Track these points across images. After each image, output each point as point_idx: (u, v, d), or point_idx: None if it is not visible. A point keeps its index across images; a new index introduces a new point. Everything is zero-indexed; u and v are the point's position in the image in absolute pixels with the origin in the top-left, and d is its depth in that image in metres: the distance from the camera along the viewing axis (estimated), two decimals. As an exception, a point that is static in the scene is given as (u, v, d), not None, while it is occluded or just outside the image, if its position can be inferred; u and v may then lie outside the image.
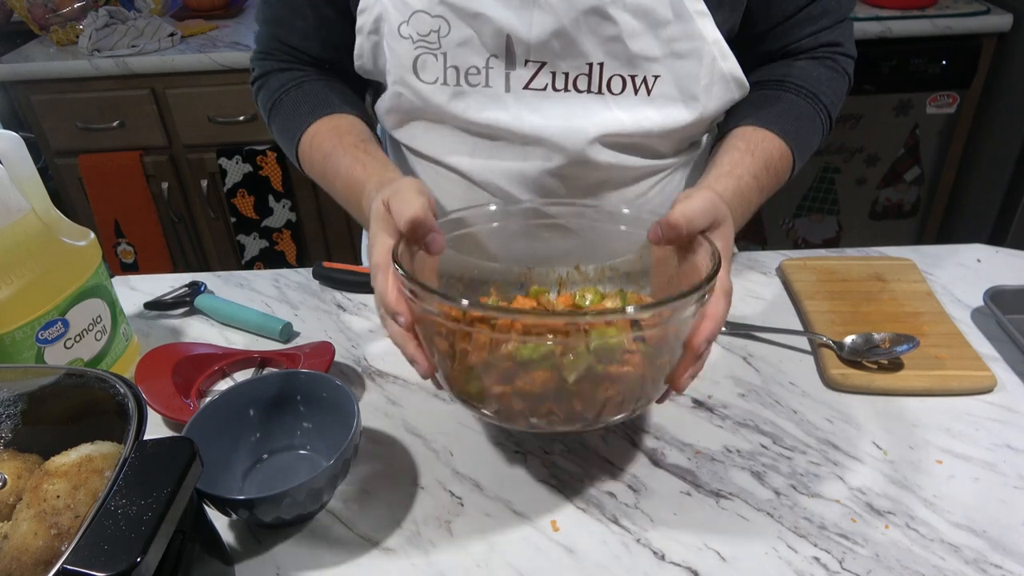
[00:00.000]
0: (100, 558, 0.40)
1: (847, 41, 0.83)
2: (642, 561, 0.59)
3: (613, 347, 0.54)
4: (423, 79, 0.76)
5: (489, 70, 0.75)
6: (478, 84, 0.75)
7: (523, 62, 0.74)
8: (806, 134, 0.79)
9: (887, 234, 2.24)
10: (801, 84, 0.80)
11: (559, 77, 0.75)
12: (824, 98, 0.81)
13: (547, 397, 0.56)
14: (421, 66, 0.76)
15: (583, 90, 0.75)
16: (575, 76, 0.74)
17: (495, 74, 0.75)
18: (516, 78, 0.75)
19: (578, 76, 0.74)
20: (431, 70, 0.76)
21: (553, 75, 0.75)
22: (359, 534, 0.63)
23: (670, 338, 0.56)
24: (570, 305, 0.68)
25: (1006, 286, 0.84)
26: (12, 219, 0.68)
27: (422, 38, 0.74)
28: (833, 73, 0.82)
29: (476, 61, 0.74)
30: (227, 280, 0.99)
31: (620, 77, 0.74)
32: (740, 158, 0.73)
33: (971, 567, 0.58)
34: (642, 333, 0.54)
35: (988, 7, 1.94)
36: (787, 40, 0.81)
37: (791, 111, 0.79)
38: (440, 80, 0.76)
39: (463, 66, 0.75)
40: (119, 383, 0.53)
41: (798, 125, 0.78)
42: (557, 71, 0.74)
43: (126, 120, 1.98)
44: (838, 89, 0.83)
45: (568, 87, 0.75)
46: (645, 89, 0.75)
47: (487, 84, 0.75)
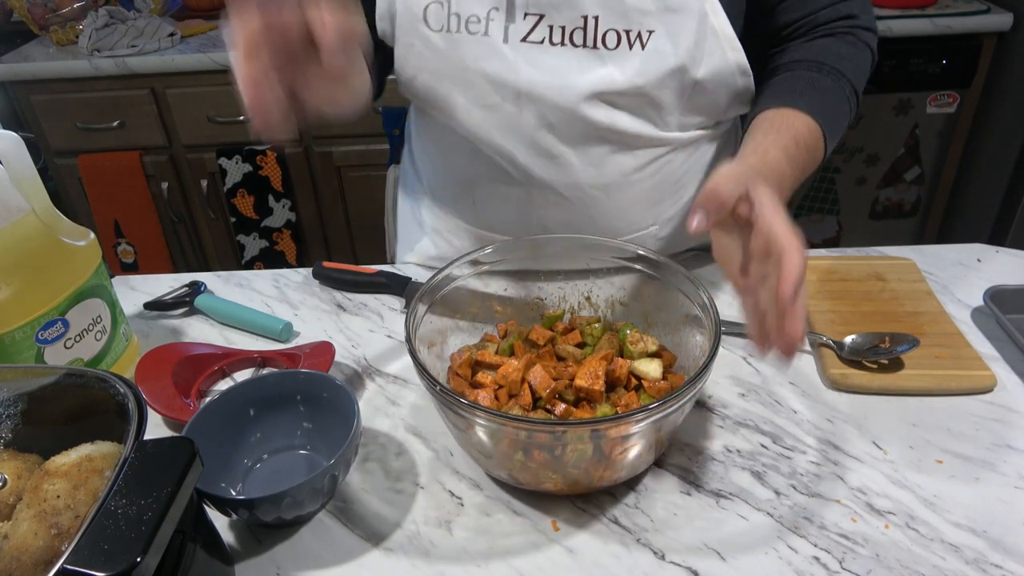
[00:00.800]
0: (100, 558, 0.40)
1: (864, 14, 0.83)
2: (642, 561, 0.59)
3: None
4: (431, 27, 0.79)
5: (490, 21, 0.77)
6: (477, 32, 0.78)
7: (522, 15, 0.77)
8: (832, 108, 0.77)
9: (887, 234, 2.24)
10: (822, 61, 0.79)
11: (556, 31, 0.77)
12: (848, 72, 0.80)
13: (549, 470, 0.60)
14: (430, 15, 0.79)
15: (579, 44, 0.77)
16: (571, 30, 0.76)
17: (495, 25, 0.77)
18: (514, 31, 0.77)
19: (574, 30, 0.76)
20: (437, 18, 0.79)
21: (550, 28, 0.77)
22: (359, 534, 0.63)
23: (666, 424, 0.60)
24: (578, 341, 0.73)
25: (1006, 286, 0.84)
26: (12, 219, 0.68)
27: None
28: (854, 49, 0.81)
29: (478, 11, 0.77)
30: (227, 280, 0.99)
31: (615, 32, 0.76)
32: (763, 137, 0.71)
33: (971, 567, 0.58)
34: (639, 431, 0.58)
35: (988, 7, 1.94)
36: (803, 11, 0.81)
37: (814, 87, 0.78)
38: (444, 27, 0.79)
39: (464, 14, 0.78)
40: (119, 383, 0.53)
41: (823, 99, 0.77)
42: (554, 24, 0.76)
43: (126, 120, 1.98)
44: (862, 63, 0.82)
45: (564, 41, 0.77)
46: (640, 43, 0.76)
47: (486, 33, 0.78)
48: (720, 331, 0.62)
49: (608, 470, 0.61)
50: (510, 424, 0.56)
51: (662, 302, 0.74)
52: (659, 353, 0.70)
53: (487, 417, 0.57)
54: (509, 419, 0.56)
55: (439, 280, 0.72)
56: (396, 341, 0.86)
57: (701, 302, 0.67)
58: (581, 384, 0.64)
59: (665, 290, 0.73)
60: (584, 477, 0.61)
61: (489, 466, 0.66)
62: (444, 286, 0.73)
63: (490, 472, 0.67)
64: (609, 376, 0.66)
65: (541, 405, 0.65)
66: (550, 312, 0.76)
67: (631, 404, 0.64)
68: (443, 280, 0.72)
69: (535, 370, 0.65)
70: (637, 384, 0.68)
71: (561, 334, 0.73)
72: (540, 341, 0.72)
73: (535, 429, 0.57)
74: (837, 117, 0.78)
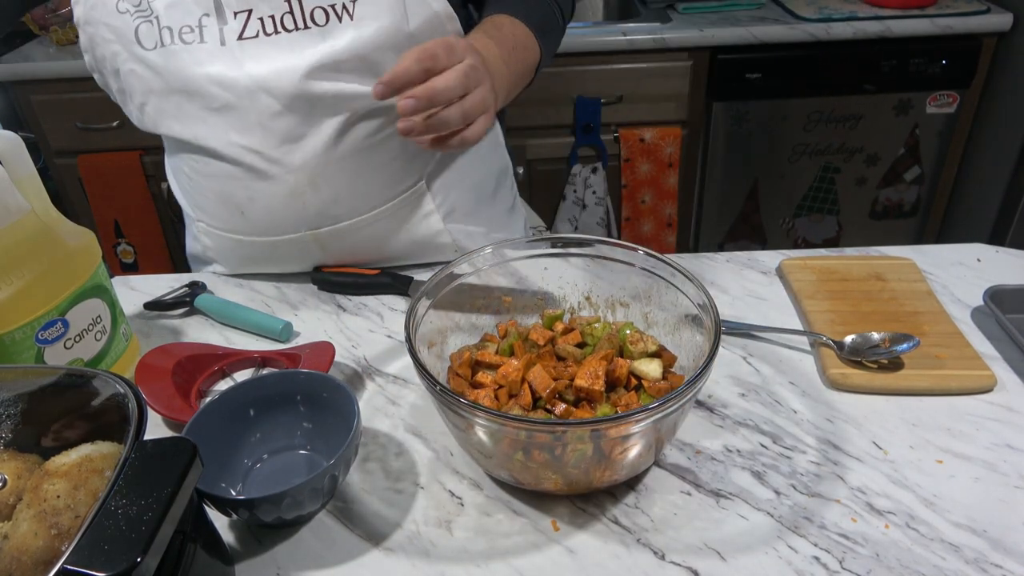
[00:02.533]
0: (100, 558, 0.40)
1: None
2: (642, 561, 0.59)
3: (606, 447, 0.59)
4: (145, 46, 0.80)
5: (203, 28, 0.79)
6: (193, 41, 0.79)
7: (232, 14, 0.79)
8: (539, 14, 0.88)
9: (887, 234, 2.24)
10: None
11: (267, 21, 0.79)
12: None
13: (550, 470, 0.60)
14: (141, 35, 0.80)
15: (291, 29, 0.79)
16: (280, 16, 0.78)
17: (209, 31, 0.79)
18: (228, 31, 0.79)
19: (283, 15, 0.78)
20: (149, 36, 0.80)
21: (261, 20, 0.79)
22: (359, 534, 0.63)
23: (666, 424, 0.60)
24: (578, 341, 0.72)
25: (1006, 286, 0.84)
26: (12, 219, 0.68)
27: (136, 8, 0.79)
28: None
29: (189, 20, 0.79)
30: (227, 280, 0.99)
31: (322, 9, 0.78)
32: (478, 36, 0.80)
33: (971, 567, 0.58)
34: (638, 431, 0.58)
35: (988, 7, 1.94)
36: None
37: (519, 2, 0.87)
38: (158, 43, 0.80)
39: (176, 26, 0.79)
40: (119, 383, 0.53)
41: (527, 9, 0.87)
42: (263, 15, 0.79)
43: (126, 120, 1.97)
44: None
45: (277, 29, 0.79)
46: (348, 14, 0.78)
47: (203, 40, 0.79)
48: (720, 331, 0.62)
49: (608, 470, 0.61)
50: (510, 424, 0.56)
51: (662, 302, 0.74)
52: (659, 353, 0.70)
53: (487, 417, 0.57)
54: (509, 419, 0.56)
55: (443, 277, 0.72)
56: (396, 341, 0.86)
57: (701, 302, 0.67)
58: (581, 384, 0.64)
59: (665, 290, 0.73)
60: (584, 477, 0.61)
61: (489, 466, 0.66)
62: (448, 283, 0.73)
63: (490, 472, 0.67)
64: (609, 376, 0.66)
65: (541, 405, 0.65)
66: (550, 312, 0.76)
67: (631, 404, 0.64)
68: (447, 277, 0.72)
69: (535, 370, 0.65)
70: (637, 384, 0.68)
71: (561, 334, 0.73)
72: (540, 341, 0.72)
73: (535, 429, 0.57)
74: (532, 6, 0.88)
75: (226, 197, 0.89)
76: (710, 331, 0.63)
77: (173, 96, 0.83)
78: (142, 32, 0.80)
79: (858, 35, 1.90)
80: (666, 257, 0.72)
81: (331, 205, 0.88)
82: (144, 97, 0.85)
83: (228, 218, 0.91)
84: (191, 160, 0.89)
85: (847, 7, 1.98)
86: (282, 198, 0.86)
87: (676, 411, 0.58)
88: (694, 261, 0.98)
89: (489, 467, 0.66)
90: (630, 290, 0.77)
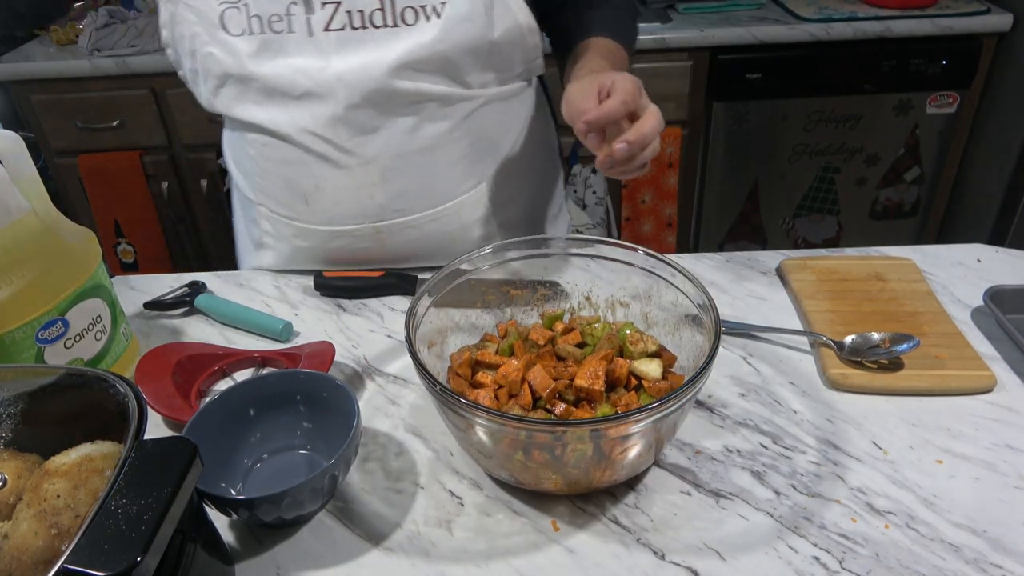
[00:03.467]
0: (100, 558, 0.40)
1: None
2: (642, 561, 0.59)
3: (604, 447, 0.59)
4: (230, 32, 0.81)
5: (291, 17, 0.80)
6: (282, 31, 0.80)
7: (320, 4, 0.79)
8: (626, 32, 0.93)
9: (887, 234, 2.24)
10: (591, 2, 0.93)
11: (355, 15, 0.80)
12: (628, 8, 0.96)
13: (550, 470, 0.60)
14: (227, 20, 0.80)
15: (379, 25, 0.80)
16: (370, 12, 0.79)
17: (297, 21, 0.80)
18: (316, 22, 0.80)
19: (373, 12, 0.79)
20: (236, 22, 0.80)
21: (349, 14, 0.79)
22: (359, 534, 0.63)
23: (666, 424, 0.60)
24: (578, 341, 0.72)
25: (1006, 286, 0.84)
26: (12, 219, 0.68)
27: None
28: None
29: (277, 9, 0.79)
30: (227, 280, 0.99)
31: (412, 8, 0.79)
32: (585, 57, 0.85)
33: (971, 567, 0.58)
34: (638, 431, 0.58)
35: (988, 7, 1.94)
36: None
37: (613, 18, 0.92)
38: (246, 31, 0.81)
39: (265, 15, 0.80)
40: (119, 383, 0.53)
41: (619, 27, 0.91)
42: (352, 9, 0.79)
43: (126, 120, 1.98)
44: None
45: (365, 24, 0.80)
46: (436, 15, 0.79)
47: (290, 30, 0.80)
48: (720, 331, 0.62)
49: (608, 470, 0.61)
50: (510, 424, 0.56)
51: (662, 302, 0.74)
52: (659, 353, 0.70)
53: (487, 417, 0.57)
54: (509, 419, 0.56)
55: (443, 276, 0.72)
56: (396, 341, 0.86)
57: (701, 302, 0.67)
58: (581, 384, 0.64)
59: (665, 290, 0.73)
60: (584, 477, 0.61)
61: (489, 466, 0.66)
62: (449, 282, 0.73)
63: (490, 472, 0.67)
64: (609, 376, 0.66)
65: (541, 405, 0.65)
66: (550, 312, 0.76)
67: (631, 404, 0.64)
68: (448, 276, 0.72)
69: (535, 370, 0.65)
70: (637, 384, 0.68)
71: (561, 334, 0.73)
72: (540, 341, 0.72)
73: (535, 429, 0.57)
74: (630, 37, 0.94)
75: (293, 183, 0.90)
76: (710, 331, 0.63)
77: (252, 82, 0.83)
78: (228, 17, 0.80)
79: (858, 35, 1.90)
80: (666, 257, 0.72)
81: (396, 199, 0.89)
82: (220, 80, 0.86)
83: (292, 204, 0.92)
84: (259, 144, 0.90)
85: (847, 7, 1.98)
86: (350, 189, 0.88)
87: (676, 411, 0.58)
88: (694, 261, 0.98)
89: (489, 467, 0.66)
90: (630, 290, 0.77)
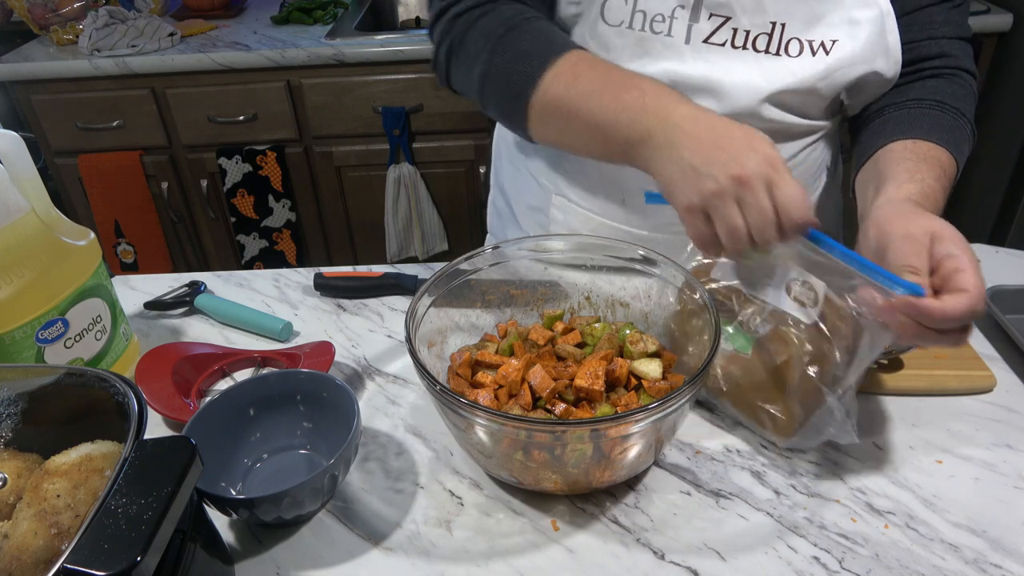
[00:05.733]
0: (100, 557, 0.40)
1: (967, 59, 0.83)
2: (642, 561, 0.59)
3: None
4: (608, 21, 0.77)
5: (673, 20, 0.76)
6: (661, 32, 0.76)
7: (707, 15, 0.75)
8: (960, 143, 0.78)
9: (887, 234, 2.23)
10: (943, 101, 0.80)
11: (740, 34, 0.76)
12: (967, 113, 0.80)
13: (550, 470, 0.60)
14: (608, 8, 0.77)
15: (761, 50, 0.76)
16: (756, 35, 0.75)
17: (678, 24, 0.76)
18: (697, 31, 0.76)
19: (759, 35, 0.75)
20: (618, 12, 0.76)
21: (734, 31, 0.75)
22: (359, 534, 0.63)
23: (665, 424, 0.60)
24: (578, 341, 0.72)
25: (1006, 286, 0.84)
26: (12, 219, 0.68)
27: None
28: (965, 91, 0.82)
29: (663, 9, 0.75)
30: (227, 280, 0.99)
31: (798, 40, 0.75)
32: (916, 165, 0.72)
33: (971, 567, 0.58)
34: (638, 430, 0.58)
35: (988, 7, 1.94)
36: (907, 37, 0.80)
37: (941, 125, 0.78)
38: (626, 23, 0.77)
39: (650, 12, 0.76)
40: (119, 382, 0.53)
41: (952, 136, 0.77)
42: (739, 27, 0.75)
43: (126, 120, 1.98)
44: (971, 102, 0.83)
45: (747, 45, 0.76)
46: (823, 51, 0.76)
47: (669, 33, 0.76)
48: (720, 331, 0.62)
49: (608, 470, 0.61)
50: (510, 424, 0.56)
51: (662, 302, 0.74)
52: (659, 353, 0.70)
53: (487, 417, 0.57)
54: (509, 419, 0.56)
55: (443, 276, 0.72)
56: (396, 341, 0.86)
57: (701, 302, 0.67)
58: (581, 384, 0.64)
59: (665, 290, 0.73)
60: (584, 477, 0.61)
61: (489, 466, 0.66)
62: (448, 282, 0.72)
63: (490, 472, 0.67)
64: (609, 376, 0.66)
65: (541, 405, 0.65)
66: (550, 312, 0.76)
67: (631, 404, 0.65)
68: (447, 276, 0.72)
69: (535, 370, 0.65)
70: (637, 384, 0.68)
71: (561, 334, 0.73)
72: (540, 341, 0.72)
73: (535, 429, 0.57)
74: (964, 153, 0.78)
75: (614, 183, 0.87)
76: (710, 331, 0.63)
77: None
78: (609, 6, 0.76)
79: (858, 35, 1.90)
80: (666, 257, 0.72)
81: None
82: None
83: (604, 202, 0.88)
84: None
85: (847, 7, 1.97)
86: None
87: (676, 411, 0.58)
88: (694, 261, 0.98)
89: (489, 467, 0.66)
90: (630, 290, 0.77)
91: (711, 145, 0.61)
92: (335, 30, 1.98)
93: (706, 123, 0.63)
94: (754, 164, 0.59)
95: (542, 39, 0.74)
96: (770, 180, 0.59)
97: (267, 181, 2.06)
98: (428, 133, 2.00)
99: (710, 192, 0.60)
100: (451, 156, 2.03)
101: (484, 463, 0.66)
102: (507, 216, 1.03)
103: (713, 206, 0.60)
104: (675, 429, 0.64)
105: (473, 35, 0.76)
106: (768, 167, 0.59)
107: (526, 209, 0.98)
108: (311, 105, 1.95)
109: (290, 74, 1.92)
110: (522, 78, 0.72)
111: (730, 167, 0.59)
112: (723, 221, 0.60)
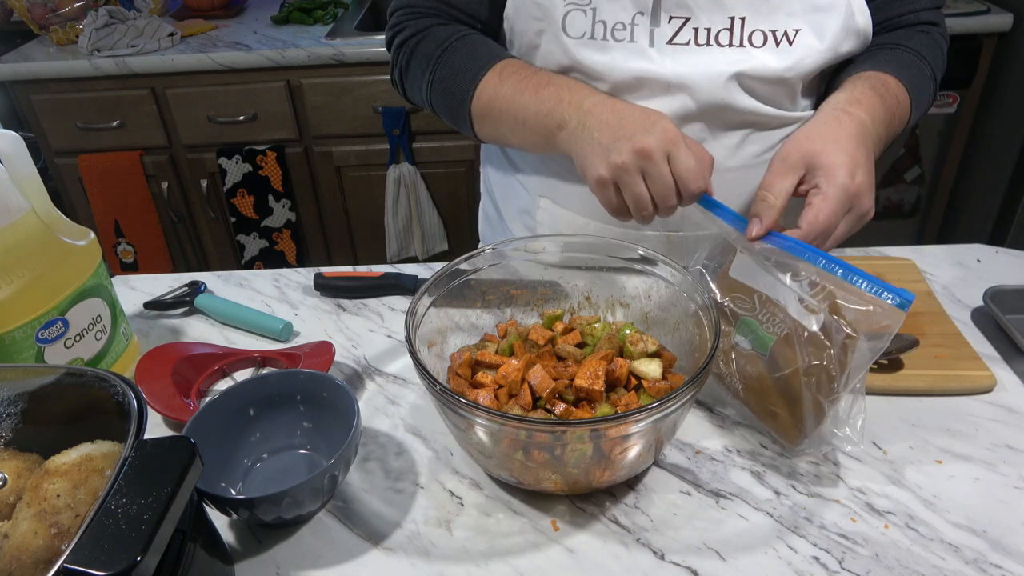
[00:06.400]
0: (100, 557, 0.40)
1: (941, 24, 0.87)
2: (642, 561, 0.59)
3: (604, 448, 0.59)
4: (570, 34, 0.78)
5: (634, 26, 0.77)
6: (623, 39, 0.78)
7: (667, 18, 0.76)
8: (916, 79, 0.82)
9: (887, 234, 2.24)
10: (902, 44, 0.84)
11: (701, 32, 0.77)
12: (927, 56, 0.84)
13: (550, 470, 0.60)
14: (569, 22, 0.78)
15: (724, 44, 0.77)
16: (717, 31, 0.77)
17: (640, 30, 0.77)
18: (660, 34, 0.77)
19: (720, 31, 0.77)
20: (578, 25, 0.78)
21: (696, 30, 0.77)
22: (359, 534, 0.63)
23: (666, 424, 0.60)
24: (578, 341, 0.72)
25: (1006, 286, 0.84)
26: (12, 219, 0.68)
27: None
28: (930, 40, 0.86)
29: (623, 17, 0.77)
30: (227, 280, 0.99)
31: (761, 32, 0.77)
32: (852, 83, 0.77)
33: (971, 567, 0.58)
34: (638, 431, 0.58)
35: (988, 7, 1.94)
36: (888, 14, 0.84)
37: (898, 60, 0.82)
38: (587, 35, 0.78)
39: (610, 21, 0.77)
40: (119, 382, 0.53)
41: (907, 71, 0.81)
42: (700, 26, 0.76)
43: (126, 120, 1.98)
44: (938, 54, 0.87)
45: (710, 41, 0.77)
46: (787, 41, 0.77)
47: (632, 40, 0.78)
48: (720, 331, 0.62)
49: (608, 470, 0.61)
50: (510, 424, 0.56)
51: (662, 302, 0.74)
52: (659, 353, 0.70)
53: (487, 417, 0.57)
54: (509, 419, 0.56)
55: (443, 276, 0.72)
56: (396, 341, 0.86)
57: (701, 302, 0.67)
58: (581, 384, 0.64)
59: (665, 290, 0.73)
60: (584, 477, 0.61)
61: (489, 466, 0.66)
62: (448, 282, 0.73)
63: (490, 472, 0.67)
64: (609, 376, 0.66)
65: (541, 405, 0.65)
66: (550, 312, 0.76)
67: (631, 404, 0.65)
68: (448, 276, 0.72)
69: (535, 370, 0.65)
70: (637, 384, 0.68)
71: (561, 334, 0.73)
72: (540, 341, 0.72)
73: (535, 429, 0.57)
74: (921, 91, 0.83)
75: None
76: (710, 331, 0.63)
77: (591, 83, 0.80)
78: (570, 20, 0.78)
79: (858, 35, 1.90)
80: (666, 257, 0.72)
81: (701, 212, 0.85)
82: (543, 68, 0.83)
83: (595, 205, 0.87)
84: None
85: (847, 7, 1.97)
86: None
87: (676, 411, 0.58)
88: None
89: (489, 467, 0.66)
90: (630, 290, 0.77)
91: (617, 125, 0.70)
92: (335, 30, 1.98)
93: (612, 108, 0.72)
94: (655, 139, 0.67)
95: (473, 54, 0.82)
96: (670, 153, 0.67)
97: (267, 181, 2.06)
98: (428, 133, 2.00)
99: (616, 165, 0.68)
100: (451, 156, 2.03)
101: (484, 463, 0.66)
102: (496, 222, 1.04)
103: (620, 178, 0.69)
104: (675, 429, 0.64)
105: (416, 58, 0.86)
106: (668, 142, 0.67)
107: (515, 213, 0.99)
108: (311, 105, 1.95)
109: (290, 74, 1.92)
110: (460, 90, 0.82)
111: (634, 142, 0.67)
112: (629, 190, 0.69)
